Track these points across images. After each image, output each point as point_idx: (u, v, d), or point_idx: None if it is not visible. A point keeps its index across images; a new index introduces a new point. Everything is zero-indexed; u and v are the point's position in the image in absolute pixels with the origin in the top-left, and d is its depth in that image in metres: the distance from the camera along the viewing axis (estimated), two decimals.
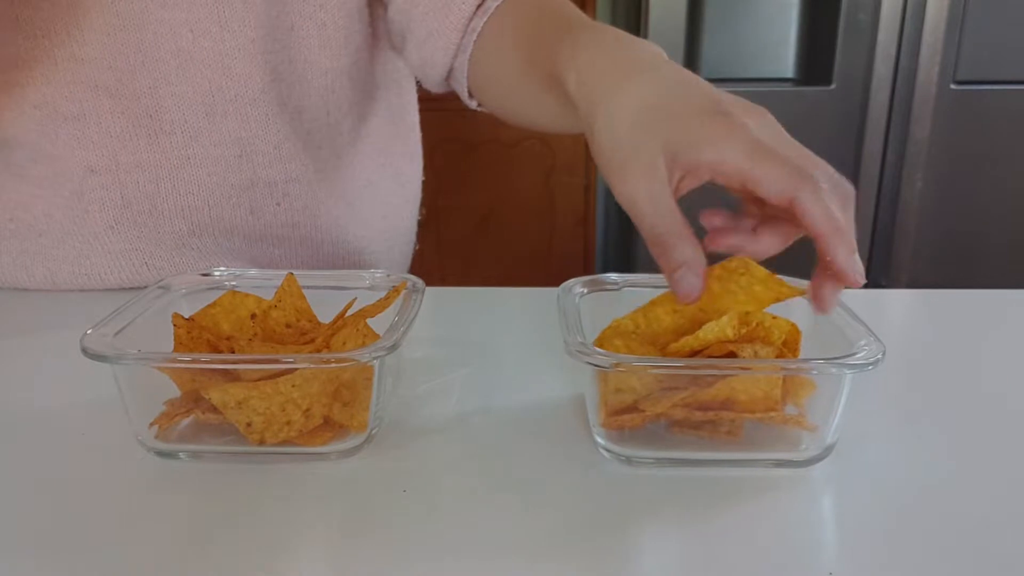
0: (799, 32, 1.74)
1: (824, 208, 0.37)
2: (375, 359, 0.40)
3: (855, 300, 0.46)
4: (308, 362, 0.39)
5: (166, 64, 0.63)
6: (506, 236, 2.04)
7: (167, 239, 0.68)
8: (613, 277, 0.49)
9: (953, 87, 1.68)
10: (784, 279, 0.47)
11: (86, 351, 0.40)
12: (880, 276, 1.82)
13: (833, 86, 1.70)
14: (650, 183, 0.40)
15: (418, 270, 0.77)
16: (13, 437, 0.45)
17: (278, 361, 0.39)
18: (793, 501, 0.38)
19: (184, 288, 0.50)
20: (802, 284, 0.47)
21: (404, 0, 0.67)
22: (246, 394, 0.39)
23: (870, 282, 1.82)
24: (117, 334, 0.42)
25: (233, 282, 0.51)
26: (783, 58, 1.75)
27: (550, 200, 2.02)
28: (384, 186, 0.79)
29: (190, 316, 0.44)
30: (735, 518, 0.37)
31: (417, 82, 0.80)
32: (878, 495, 0.39)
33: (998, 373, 0.52)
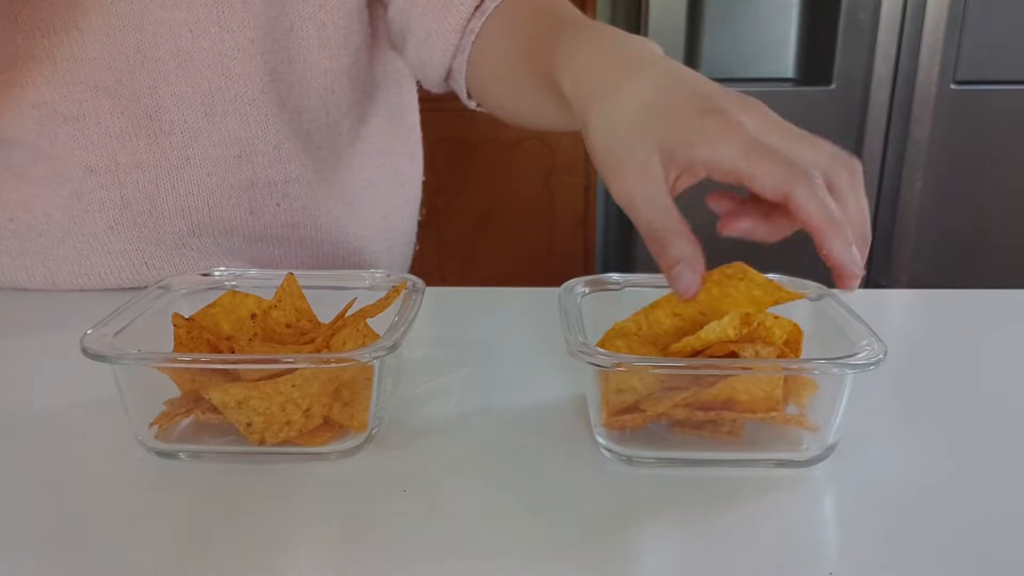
0: (799, 32, 1.74)
1: (818, 203, 0.37)
2: (375, 359, 0.39)
3: (855, 300, 0.46)
4: (308, 362, 0.39)
5: (165, 64, 0.63)
6: (506, 236, 2.04)
7: (167, 239, 0.68)
8: (615, 277, 0.49)
9: (953, 87, 1.68)
10: (784, 279, 0.47)
11: (86, 351, 0.39)
12: (880, 276, 1.82)
13: (833, 86, 1.70)
14: (646, 182, 0.40)
15: (418, 270, 0.77)
16: (13, 437, 0.45)
17: (278, 361, 0.39)
18: (794, 501, 0.38)
19: (184, 288, 0.50)
20: (803, 286, 0.47)
21: (403, 1, 0.67)
22: (246, 394, 0.39)
23: (870, 282, 1.83)
24: (117, 334, 0.42)
25: (233, 282, 0.50)
26: (783, 58, 1.75)
27: (550, 200, 2.02)
28: (384, 186, 0.79)
29: (190, 316, 0.44)
30: (736, 518, 0.37)
31: (417, 82, 0.80)
32: (879, 495, 0.39)
33: (998, 373, 0.52)
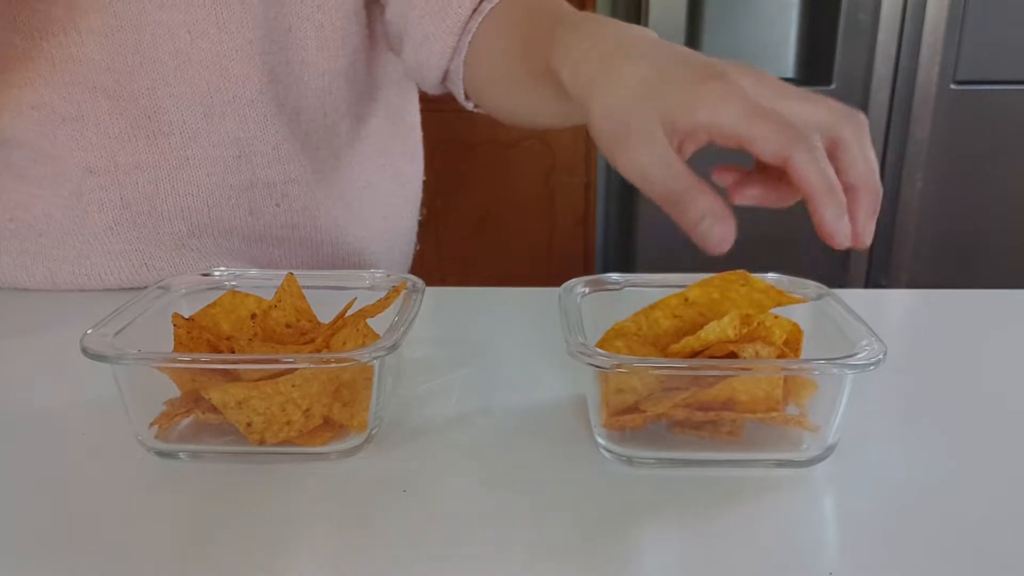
0: (799, 32, 1.74)
1: (817, 169, 0.37)
2: (375, 359, 0.39)
3: (856, 300, 0.46)
4: (308, 362, 0.39)
5: (164, 65, 0.63)
6: (506, 236, 2.04)
7: (166, 240, 0.68)
8: (615, 277, 0.49)
9: (953, 87, 1.68)
10: (784, 280, 0.47)
11: (86, 351, 0.39)
12: (880, 276, 1.82)
13: (833, 86, 1.70)
14: (652, 148, 0.40)
15: (418, 270, 0.77)
16: (13, 437, 0.45)
17: (278, 361, 0.39)
18: (794, 501, 0.38)
19: (184, 288, 0.50)
20: (803, 286, 0.47)
21: (401, 3, 0.67)
22: (246, 394, 0.39)
23: (870, 282, 1.83)
24: (117, 334, 0.42)
25: (233, 282, 0.50)
26: (783, 58, 1.75)
27: (550, 200, 2.02)
28: (384, 187, 0.79)
29: (190, 316, 0.44)
30: (736, 518, 0.37)
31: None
32: (879, 495, 0.39)
33: (998, 373, 0.52)
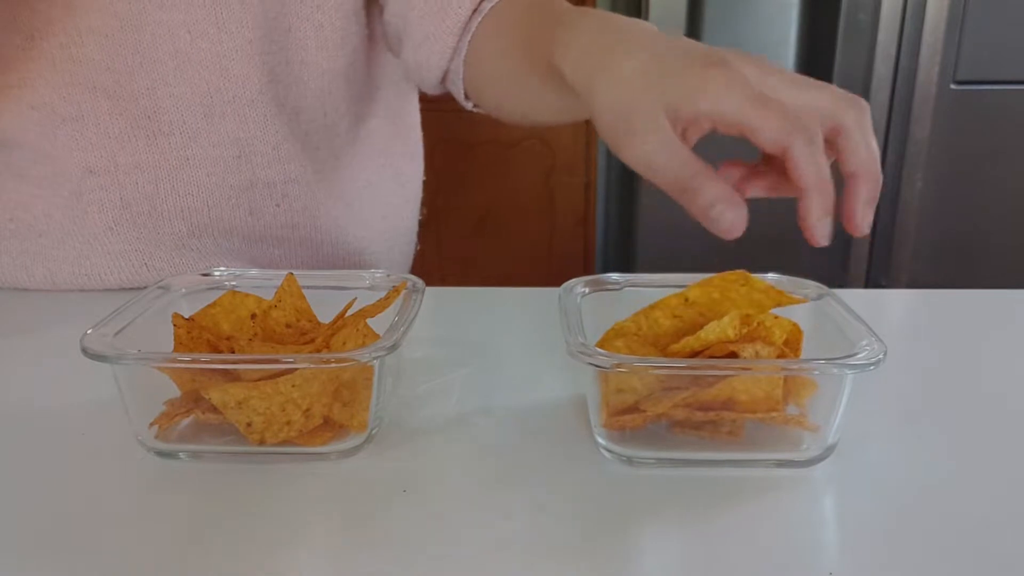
0: (799, 32, 1.73)
1: (814, 164, 0.37)
2: (375, 359, 0.39)
3: (856, 300, 0.46)
4: (308, 362, 0.39)
5: (164, 65, 0.63)
6: (506, 236, 2.04)
7: (166, 240, 0.68)
8: (615, 277, 0.49)
9: (953, 87, 1.68)
10: (784, 279, 0.47)
11: (86, 351, 0.39)
12: (880, 276, 1.82)
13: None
14: (657, 136, 0.39)
15: (418, 270, 0.77)
16: (13, 437, 0.45)
17: (278, 361, 0.39)
18: (794, 501, 0.38)
19: (184, 288, 0.50)
20: (803, 286, 0.47)
21: (400, 3, 0.67)
22: (246, 394, 0.39)
23: (870, 282, 1.83)
24: (117, 334, 0.42)
25: (233, 282, 0.50)
26: (783, 58, 1.75)
27: (550, 200, 2.02)
28: (384, 187, 0.79)
29: (190, 316, 0.44)
30: (736, 518, 0.37)
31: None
32: (879, 495, 0.39)
33: (998, 373, 0.52)
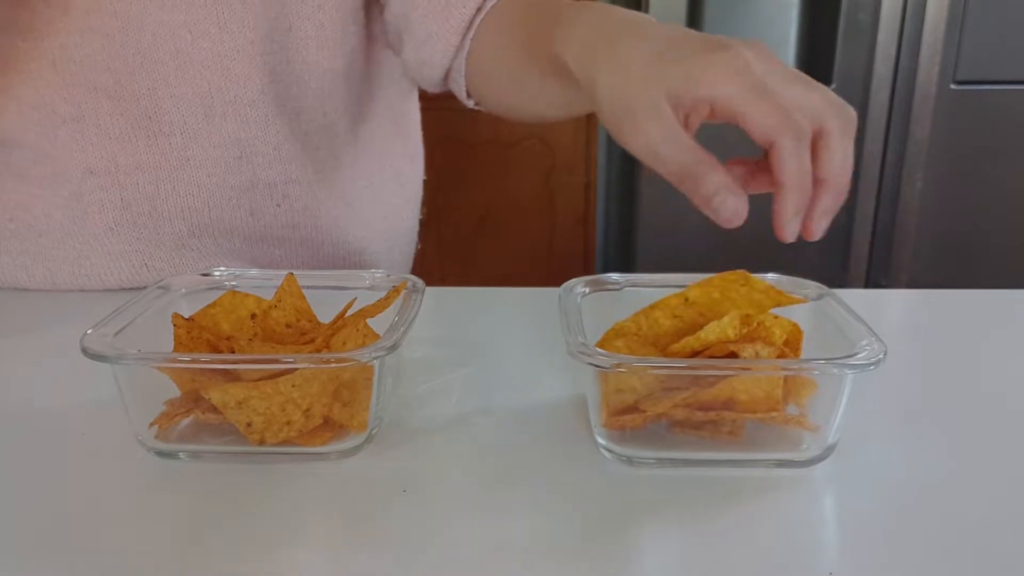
0: (799, 32, 1.73)
1: (796, 161, 0.38)
2: (375, 359, 0.39)
3: (856, 300, 0.46)
4: (308, 362, 0.39)
5: (165, 65, 0.63)
6: (506, 236, 2.04)
7: (167, 240, 0.68)
8: (615, 277, 0.49)
9: (953, 87, 1.68)
10: (784, 279, 0.47)
11: (86, 351, 0.39)
12: (880, 276, 1.82)
13: (833, 86, 1.69)
14: (662, 125, 0.39)
15: (418, 270, 0.77)
16: (13, 437, 0.45)
17: (278, 361, 0.39)
18: (794, 501, 0.38)
19: (184, 288, 0.50)
20: (803, 286, 0.47)
21: (402, 3, 0.67)
22: (246, 394, 0.39)
23: (870, 282, 1.83)
24: (117, 334, 0.42)
25: (233, 282, 0.50)
26: (783, 58, 1.73)
27: (550, 200, 2.02)
28: (384, 186, 0.79)
29: (190, 316, 0.44)
30: (736, 518, 0.37)
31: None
32: (879, 495, 0.39)
33: (998, 373, 0.52)
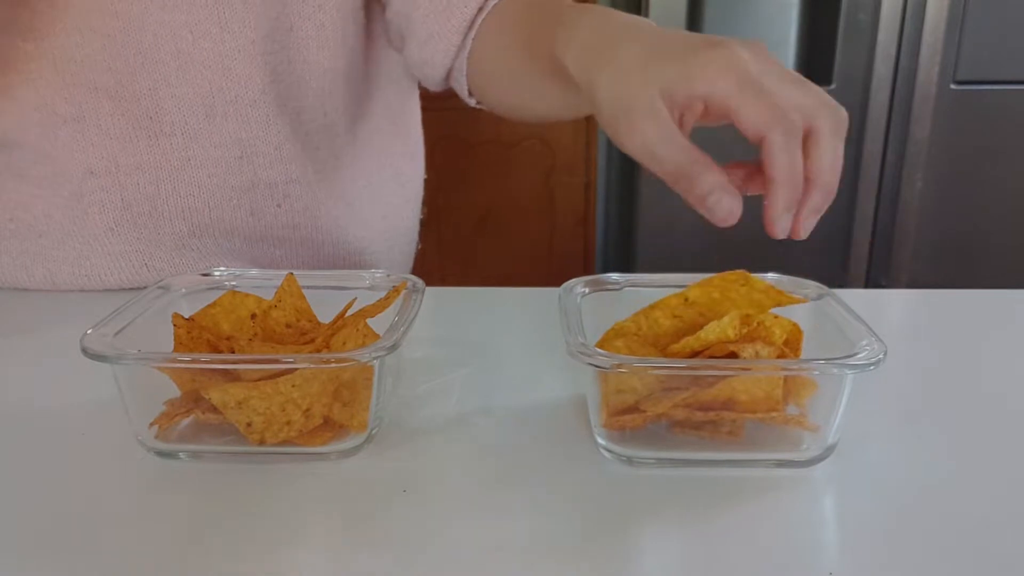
0: (799, 32, 1.74)
1: (787, 156, 0.38)
2: (375, 359, 0.39)
3: (856, 300, 0.46)
4: (308, 362, 0.39)
5: (166, 66, 0.63)
6: (506, 236, 2.04)
7: (167, 240, 0.68)
8: (615, 277, 0.49)
9: (953, 87, 1.68)
10: (784, 279, 0.47)
11: (86, 351, 0.39)
12: (880, 276, 1.82)
13: (833, 86, 1.70)
14: (657, 124, 0.40)
15: (418, 270, 0.77)
16: (13, 437, 0.45)
17: (278, 361, 0.39)
18: (794, 501, 0.38)
19: (184, 288, 0.50)
20: (803, 286, 0.47)
21: (403, 2, 0.67)
22: (246, 394, 0.39)
23: (870, 282, 1.83)
24: (117, 334, 0.42)
25: (233, 282, 0.51)
26: (783, 58, 1.75)
27: (550, 200, 2.02)
28: (384, 186, 0.79)
29: (190, 316, 0.44)
30: (736, 518, 0.37)
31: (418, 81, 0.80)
32: (879, 495, 0.39)
33: (998, 373, 0.52)
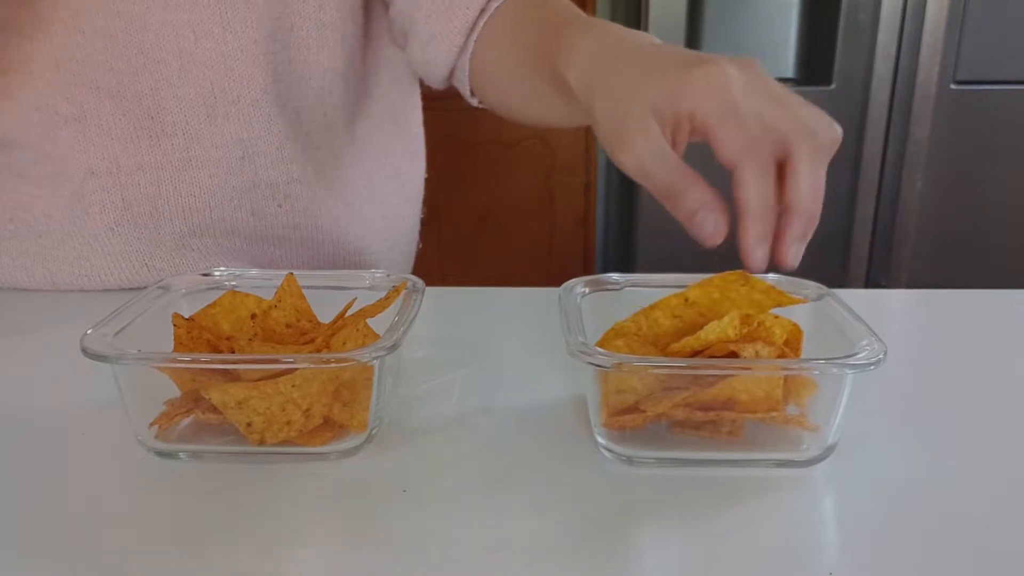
0: (799, 32, 1.73)
1: (755, 190, 0.38)
2: (375, 359, 0.39)
3: (856, 300, 0.46)
4: (308, 362, 0.39)
5: (168, 66, 0.63)
6: (506, 236, 2.04)
7: (167, 240, 0.68)
8: (615, 277, 0.49)
9: (953, 87, 1.68)
10: (784, 280, 0.47)
11: (86, 351, 0.39)
12: (880, 276, 1.82)
13: (833, 86, 1.70)
14: (648, 141, 0.40)
15: (418, 270, 0.77)
16: (13, 437, 0.45)
17: (278, 361, 0.39)
18: (794, 501, 0.38)
19: (184, 288, 0.50)
20: (803, 287, 0.47)
21: (405, 2, 0.67)
22: (246, 394, 0.39)
23: (870, 282, 1.83)
24: (117, 334, 0.42)
25: (233, 282, 0.51)
26: (783, 58, 1.75)
27: (550, 200, 2.02)
28: (384, 186, 0.79)
29: (190, 316, 0.44)
30: (736, 518, 0.37)
31: (420, 80, 0.80)
32: (879, 495, 0.39)
33: (998, 373, 0.52)
